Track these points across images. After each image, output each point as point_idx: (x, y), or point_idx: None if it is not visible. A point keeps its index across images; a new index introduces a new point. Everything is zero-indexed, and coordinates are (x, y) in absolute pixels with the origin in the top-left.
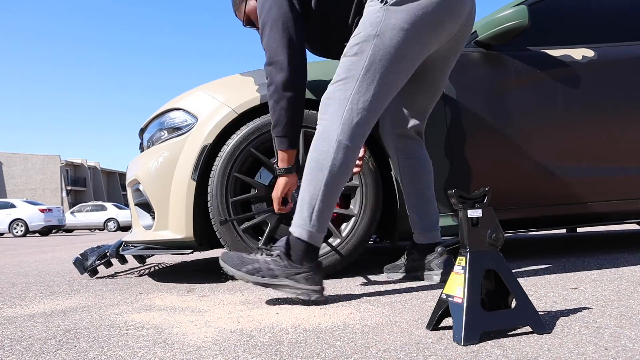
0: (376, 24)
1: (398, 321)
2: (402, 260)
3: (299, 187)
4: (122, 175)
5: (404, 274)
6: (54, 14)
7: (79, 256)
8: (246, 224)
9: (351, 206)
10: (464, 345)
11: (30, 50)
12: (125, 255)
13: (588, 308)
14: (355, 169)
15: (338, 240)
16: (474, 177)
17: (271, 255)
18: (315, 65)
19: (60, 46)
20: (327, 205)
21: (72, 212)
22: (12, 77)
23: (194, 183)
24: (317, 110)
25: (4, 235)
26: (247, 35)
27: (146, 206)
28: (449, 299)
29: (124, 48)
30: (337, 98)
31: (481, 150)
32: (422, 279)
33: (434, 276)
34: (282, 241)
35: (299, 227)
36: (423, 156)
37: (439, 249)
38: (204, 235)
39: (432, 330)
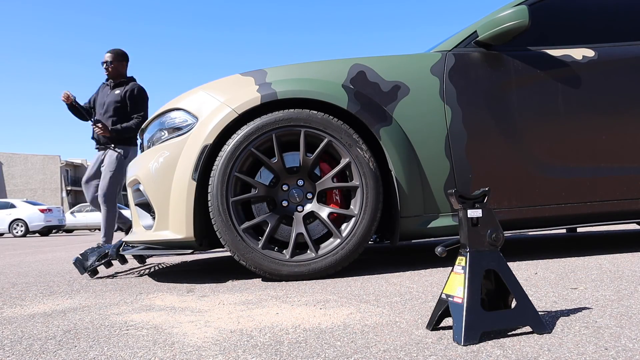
0: None
1: (398, 321)
2: None
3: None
4: None
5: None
6: (55, 6)
7: (79, 256)
8: (247, 224)
9: (351, 206)
10: (464, 345)
11: (29, 49)
12: (126, 256)
13: (588, 308)
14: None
15: (338, 241)
16: (474, 176)
17: None
18: (309, 65)
19: (61, 44)
20: None
21: (72, 212)
22: (12, 76)
23: (195, 183)
24: (317, 110)
25: (4, 236)
26: (247, 32)
27: (146, 206)
28: (449, 299)
29: (125, 46)
30: None
31: (481, 150)
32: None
33: None
34: None
35: None
36: None
37: (438, 249)
38: (204, 235)
39: (432, 330)
